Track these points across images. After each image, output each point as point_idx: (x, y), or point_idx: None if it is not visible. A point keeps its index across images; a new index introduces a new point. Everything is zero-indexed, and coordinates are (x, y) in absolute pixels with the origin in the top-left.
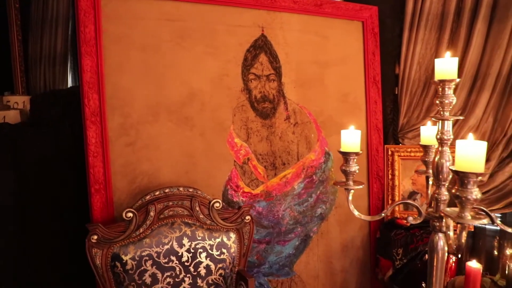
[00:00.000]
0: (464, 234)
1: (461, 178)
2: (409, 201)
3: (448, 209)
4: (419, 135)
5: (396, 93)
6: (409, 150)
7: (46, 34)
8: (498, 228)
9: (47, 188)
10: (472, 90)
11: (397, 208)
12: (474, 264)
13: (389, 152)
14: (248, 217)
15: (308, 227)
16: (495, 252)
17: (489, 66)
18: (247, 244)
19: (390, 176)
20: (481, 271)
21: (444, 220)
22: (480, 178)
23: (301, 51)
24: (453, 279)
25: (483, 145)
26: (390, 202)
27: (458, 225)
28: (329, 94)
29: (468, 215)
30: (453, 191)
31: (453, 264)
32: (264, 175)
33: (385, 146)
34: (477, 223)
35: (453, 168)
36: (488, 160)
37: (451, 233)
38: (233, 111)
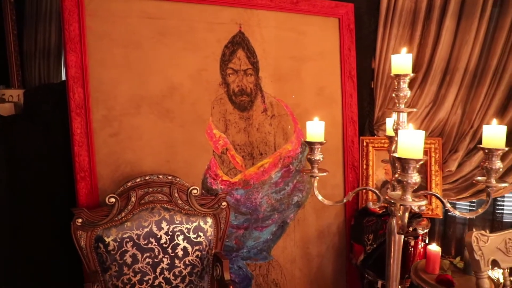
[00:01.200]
0: (407, 214)
1: (402, 164)
2: (368, 187)
3: (393, 192)
4: None
5: (372, 86)
6: (382, 141)
7: (40, 29)
8: (468, 216)
9: (38, 177)
10: (442, 84)
11: (370, 197)
12: (434, 247)
13: (364, 143)
14: (224, 203)
15: (285, 214)
16: None
17: (457, 61)
18: (224, 228)
19: (364, 166)
20: (440, 253)
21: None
22: (447, 171)
23: (278, 47)
24: (417, 262)
25: (421, 134)
26: (364, 191)
27: (401, 207)
28: (305, 88)
29: (409, 197)
30: (396, 175)
31: (422, 250)
32: (242, 164)
33: (361, 137)
34: (416, 204)
35: (396, 155)
36: (456, 151)
37: (399, 213)
38: (211, 103)
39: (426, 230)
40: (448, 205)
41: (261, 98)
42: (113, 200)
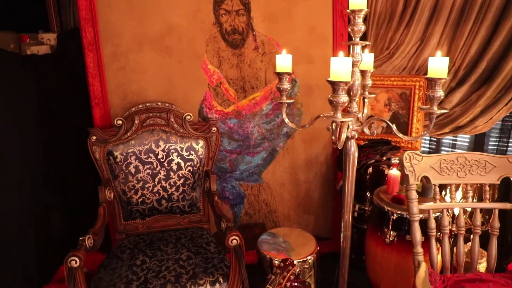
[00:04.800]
0: (344, 131)
1: (333, 86)
2: (324, 114)
3: (327, 113)
4: (380, 65)
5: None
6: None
7: None
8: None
9: (63, 105)
10: (430, 22)
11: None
12: (394, 171)
13: None
14: (214, 129)
15: (275, 142)
16: None
17: None
18: (214, 150)
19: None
20: (400, 178)
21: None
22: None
23: None
24: (381, 186)
25: (349, 60)
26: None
27: (333, 123)
28: (296, 27)
29: (339, 115)
30: (329, 97)
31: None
32: (235, 96)
33: None
34: (346, 119)
35: (328, 79)
36: None
37: (344, 135)
38: (206, 41)
39: None
40: (394, 127)
41: (252, 36)
42: (120, 122)
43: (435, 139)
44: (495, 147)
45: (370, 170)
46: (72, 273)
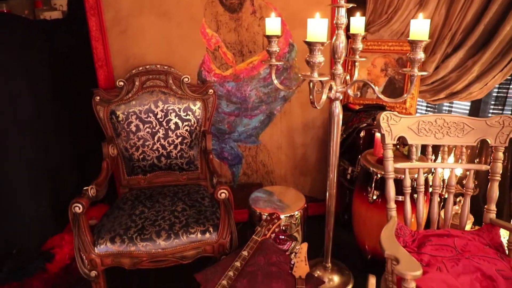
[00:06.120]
0: (325, 91)
1: (310, 47)
2: (302, 73)
3: (304, 73)
4: (378, 30)
5: None
6: (368, 43)
7: None
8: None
9: (72, 67)
10: None
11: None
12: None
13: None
14: (211, 91)
15: (272, 106)
16: None
17: None
18: (211, 111)
19: (349, 67)
20: None
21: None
22: None
23: None
24: (369, 149)
25: (325, 22)
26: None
27: (310, 83)
28: None
29: (316, 74)
30: (306, 57)
31: None
32: (233, 60)
33: (349, 40)
34: (322, 79)
35: (305, 40)
36: (434, 53)
37: (325, 96)
38: (204, 6)
39: None
40: (376, 89)
41: (250, 1)
42: (121, 83)
43: (434, 106)
44: (491, 115)
45: (362, 133)
46: (76, 218)
